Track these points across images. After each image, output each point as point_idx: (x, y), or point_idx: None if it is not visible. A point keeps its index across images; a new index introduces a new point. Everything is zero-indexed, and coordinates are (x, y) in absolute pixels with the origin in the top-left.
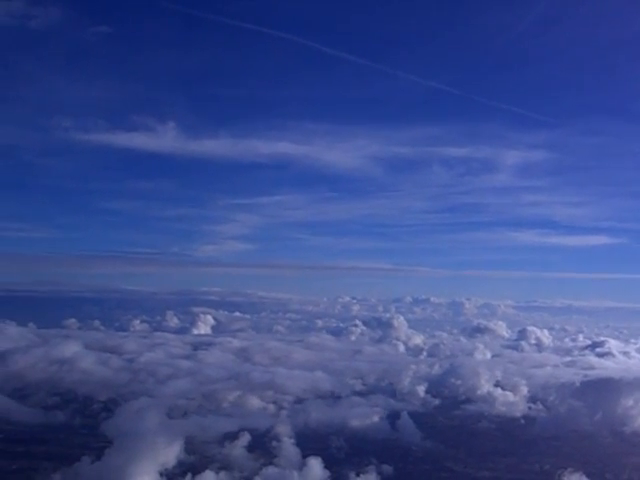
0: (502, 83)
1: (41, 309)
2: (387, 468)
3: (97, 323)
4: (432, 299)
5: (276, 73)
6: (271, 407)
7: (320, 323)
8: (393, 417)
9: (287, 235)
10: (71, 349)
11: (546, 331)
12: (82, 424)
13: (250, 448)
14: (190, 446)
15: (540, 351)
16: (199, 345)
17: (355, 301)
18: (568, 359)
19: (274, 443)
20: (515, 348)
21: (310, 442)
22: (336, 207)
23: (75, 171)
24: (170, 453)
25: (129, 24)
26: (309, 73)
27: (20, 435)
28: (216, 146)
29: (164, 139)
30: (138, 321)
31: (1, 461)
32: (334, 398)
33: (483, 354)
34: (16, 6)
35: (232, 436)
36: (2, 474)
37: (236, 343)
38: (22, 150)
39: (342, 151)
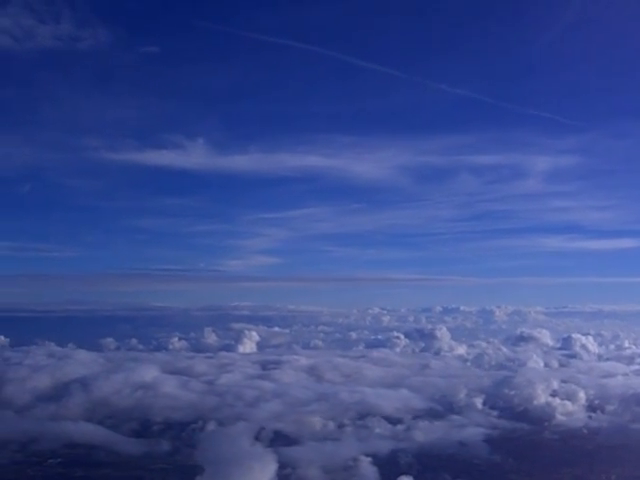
0: (531, 89)
1: (76, 329)
2: None
3: (134, 342)
4: (462, 308)
5: (304, 87)
6: (375, 429)
7: (354, 335)
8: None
9: (314, 248)
10: (150, 373)
11: (591, 338)
12: (173, 450)
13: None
14: (315, 473)
15: (588, 359)
16: (266, 364)
17: (385, 312)
18: (636, 367)
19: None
20: (566, 356)
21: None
22: (363, 218)
23: (104, 190)
24: None
25: (158, 43)
26: (337, 85)
27: (115, 463)
28: (245, 161)
29: (193, 156)
30: (176, 339)
31: None
32: (432, 416)
33: (536, 363)
34: (65, 29)
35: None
36: None
37: (304, 361)
38: (52, 171)
39: (370, 162)
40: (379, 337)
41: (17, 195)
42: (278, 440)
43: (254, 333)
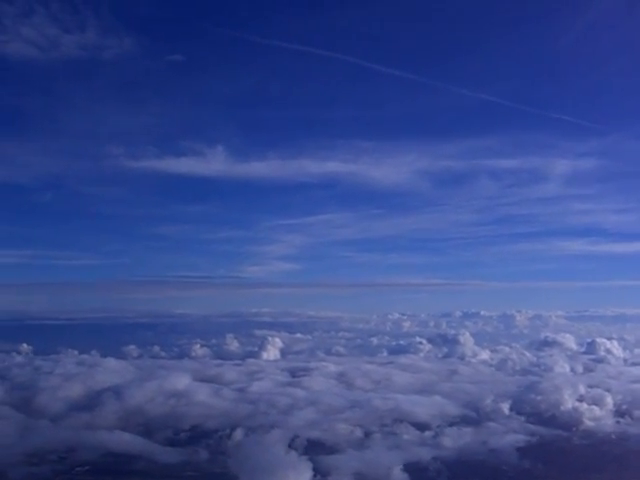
0: (551, 91)
1: (98, 336)
2: None
3: (157, 349)
4: (482, 312)
5: (323, 92)
6: (410, 436)
7: (375, 341)
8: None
9: (334, 253)
10: (182, 381)
11: (615, 342)
12: (209, 459)
13: None
14: None
15: (615, 363)
16: (295, 371)
17: (405, 317)
18: None
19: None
20: (592, 361)
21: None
22: (383, 223)
23: (125, 198)
24: None
25: (181, 50)
26: (356, 91)
27: (153, 472)
28: (264, 168)
29: (213, 163)
30: (198, 345)
31: None
32: (466, 423)
33: (562, 368)
34: (89, 38)
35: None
36: None
37: (332, 368)
38: (73, 179)
39: (389, 167)
40: (401, 343)
41: (39, 203)
42: (314, 448)
43: (277, 339)
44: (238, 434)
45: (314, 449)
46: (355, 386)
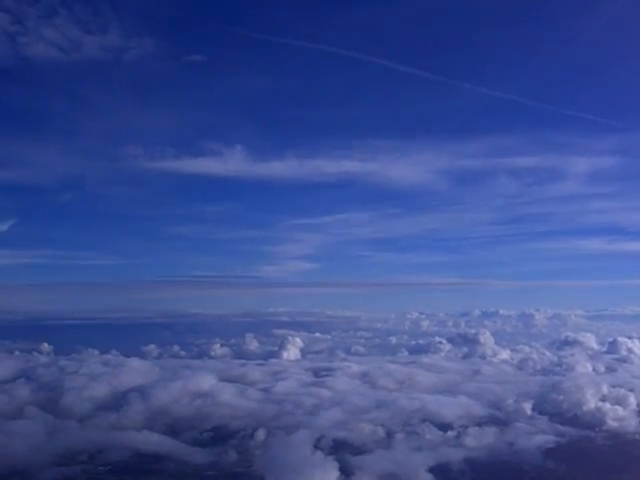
0: (569, 89)
1: (118, 336)
2: None
3: (176, 348)
4: (501, 311)
5: (341, 92)
6: (441, 437)
7: (394, 340)
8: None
9: (351, 253)
10: (207, 381)
11: (637, 341)
12: (237, 459)
13: None
14: None
15: (637, 363)
16: (318, 371)
17: (424, 316)
18: None
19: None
20: (614, 360)
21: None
22: (400, 223)
23: (143, 198)
24: None
25: (200, 51)
26: (374, 90)
27: (183, 472)
28: (282, 167)
29: (230, 163)
30: (218, 345)
31: None
32: (494, 423)
33: (584, 367)
34: (111, 39)
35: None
36: None
37: (355, 368)
38: (93, 180)
39: (407, 166)
40: (420, 342)
41: (58, 204)
42: (341, 448)
43: (298, 339)
44: (264, 434)
45: (341, 449)
46: (379, 386)
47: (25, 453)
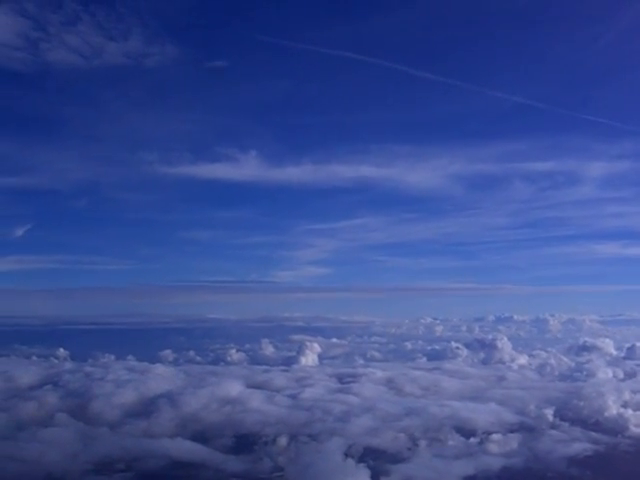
0: (585, 94)
1: (134, 341)
2: None
3: (192, 354)
4: (515, 317)
5: (356, 97)
6: (475, 444)
7: (409, 346)
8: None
9: (366, 258)
10: (235, 388)
11: None
12: (269, 467)
13: None
14: None
15: None
16: (341, 377)
17: (438, 322)
18: None
19: None
20: (633, 365)
21: None
22: (415, 228)
23: (159, 203)
24: None
25: (220, 57)
26: (389, 95)
27: (208, 478)
28: (298, 173)
29: (246, 168)
30: (234, 350)
31: None
32: (526, 430)
33: (605, 373)
34: (133, 45)
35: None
36: None
37: (380, 374)
38: (108, 185)
39: (423, 171)
40: (436, 347)
41: (74, 209)
42: (375, 456)
43: (316, 345)
44: (296, 442)
45: (374, 457)
46: (405, 392)
47: (61, 461)
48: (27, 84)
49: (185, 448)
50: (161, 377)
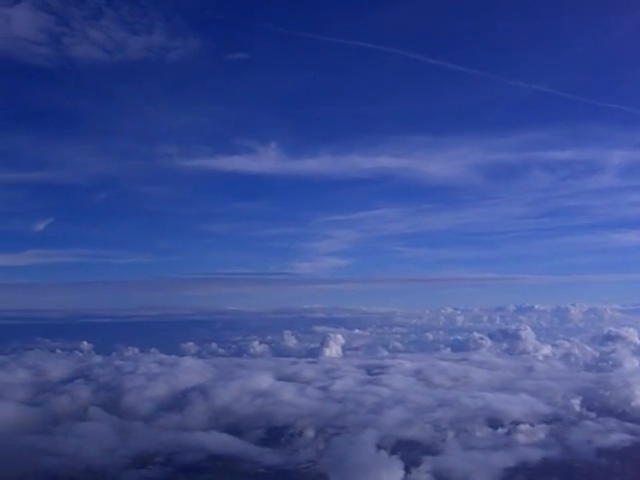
0: (605, 81)
1: (156, 334)
2: None
3: (214, 346)
4: (536, 306)
5: (375, 87)
6: (510, 435)
7: (431, 336)
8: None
9: (385, 248)
10: (265, 380)
11: None
12: (304, 459)
13: None
14: None
15: None
16: (370, 368)
17: (458, 312)
18: None
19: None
20: None
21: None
22: (434, 218)
23: (178, 196)
24: None
25: (240, 50)
26: (408, 85)
27: (253, 473)
28: (316, 164)
29: (265, 160)
30: (256, 342)
31: None
32: (560, 421)
33: (631, 363)
34: (156, 40)
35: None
36: None
37: (408, 365)
38: (127, 179)
39: (441, 161)
40: (458, 338)
41: (94, 203)
42: (410, 448)
43: (339, 336)
44: (329, 433)
45: (408, 449)
46: (435, 384)
47: (99, 455)
48: (50, 79)
49: (220, 441)
50: (191, 370)
